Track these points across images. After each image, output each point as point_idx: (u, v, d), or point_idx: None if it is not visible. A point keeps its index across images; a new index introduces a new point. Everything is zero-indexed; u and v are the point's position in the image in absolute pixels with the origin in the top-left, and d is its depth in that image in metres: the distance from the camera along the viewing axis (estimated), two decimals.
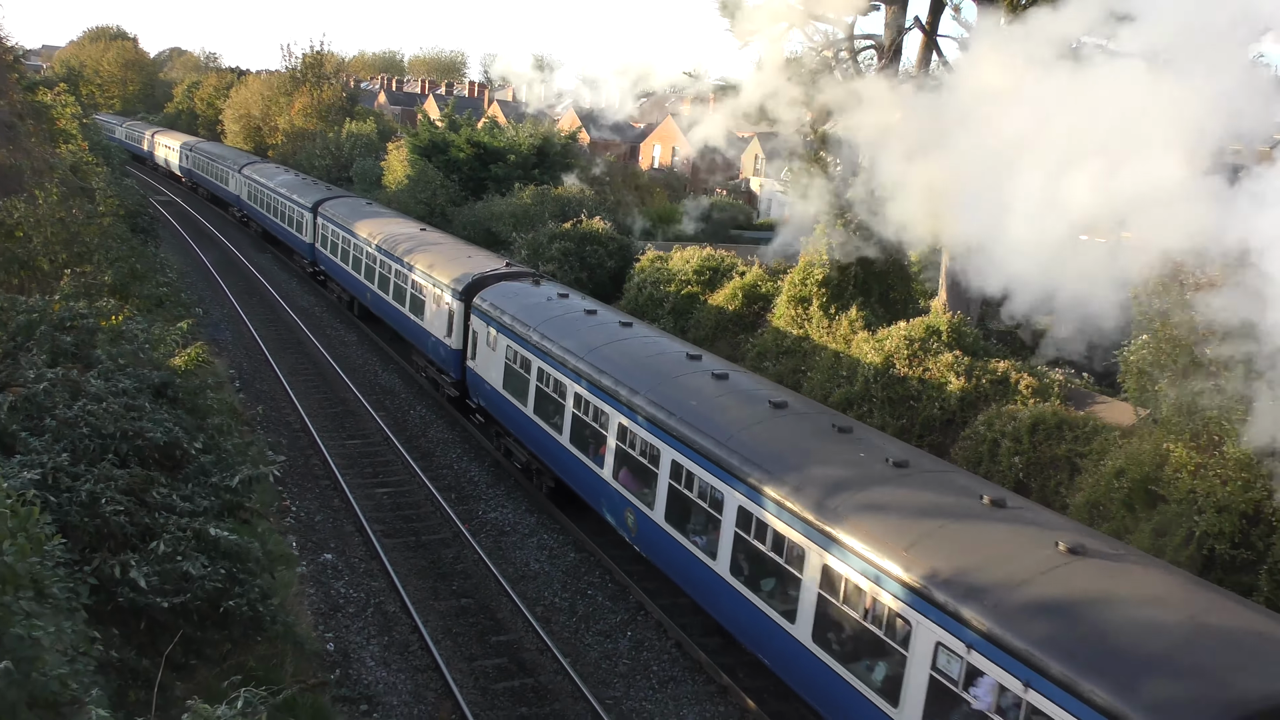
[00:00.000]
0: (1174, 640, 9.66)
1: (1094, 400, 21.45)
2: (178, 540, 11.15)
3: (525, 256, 37.39)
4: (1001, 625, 10.20)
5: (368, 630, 16.70)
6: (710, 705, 15.31)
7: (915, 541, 11.89)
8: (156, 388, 15.74)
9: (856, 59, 27.35)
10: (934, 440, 22.27)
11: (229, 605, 11.10)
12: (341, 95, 79.24)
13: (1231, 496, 14.51)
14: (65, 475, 11.34)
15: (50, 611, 6.94)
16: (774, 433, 15.41)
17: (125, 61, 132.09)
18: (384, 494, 22.21)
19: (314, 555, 19.09)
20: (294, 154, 72.44)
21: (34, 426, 12.39)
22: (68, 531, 10.53)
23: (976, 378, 22.29)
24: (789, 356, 27.52)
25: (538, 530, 20.90)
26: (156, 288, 26.15)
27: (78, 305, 17.06)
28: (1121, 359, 17.45)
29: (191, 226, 57.92)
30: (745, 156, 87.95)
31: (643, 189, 56.23)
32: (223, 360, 30.06)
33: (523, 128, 55.50)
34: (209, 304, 38.26)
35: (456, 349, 26.19)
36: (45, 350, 15.00)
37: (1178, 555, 15.11)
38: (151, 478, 12.43)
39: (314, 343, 34.20)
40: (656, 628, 17.37)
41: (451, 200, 50.02)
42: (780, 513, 13.67)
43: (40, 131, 33.03)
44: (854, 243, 25.62)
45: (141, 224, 37.72)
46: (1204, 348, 15.17)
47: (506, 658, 16.20)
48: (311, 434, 25.20)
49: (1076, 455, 19.07)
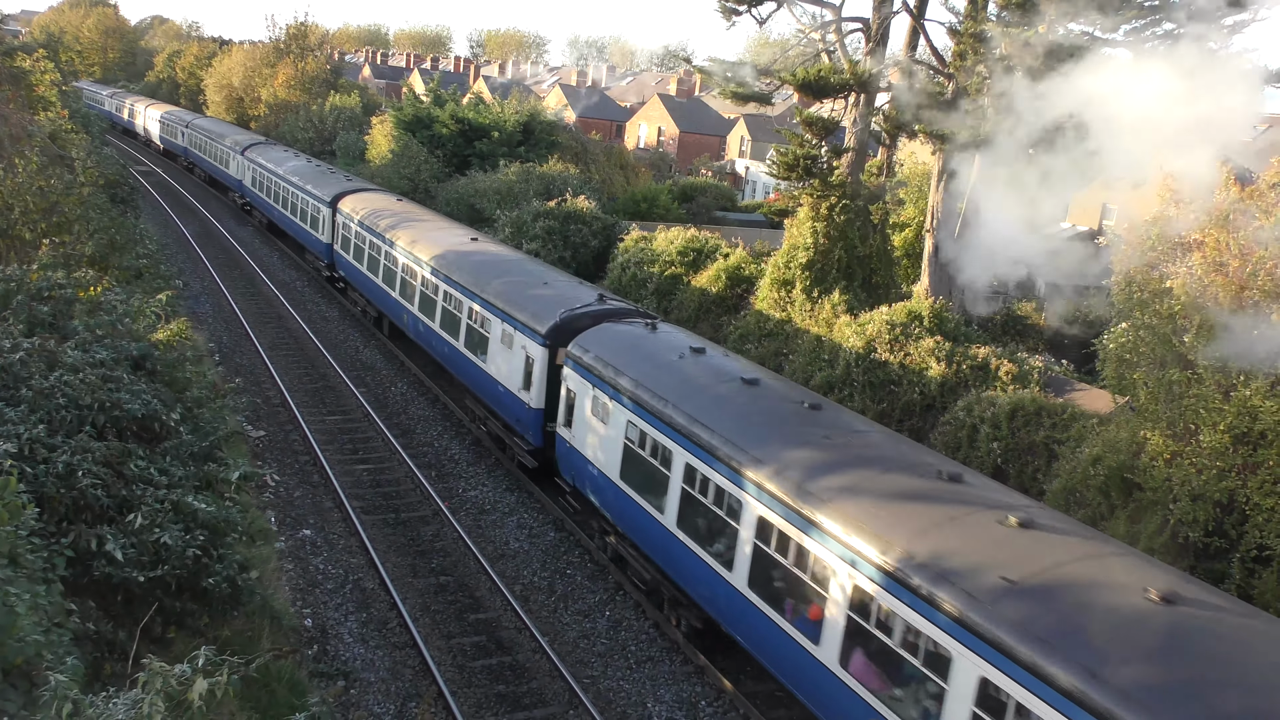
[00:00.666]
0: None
1: (1073, 387, 21.61)
2: (155, 512, 11.09)
3: (509, 234, 37.25)
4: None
5: (346, 606, 16.69)
6: (687, 685, 15.40)
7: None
8: (135, 360, 15.63)
9: (844, 41, 27.31)
10: (914, 425, 22.39)
11: (207, 583, 11.06)
12: (325, 68, 78.53)
13: (1206, 485, 14.65)
14: (42, 446, 11.26)
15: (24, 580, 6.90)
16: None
17: (106, 28, 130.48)
18: (364, 470, 22.16)
19: (293, 531, 19.05)
20: (276, 126, 71.77)
21: (10, 397, 12.29)
22: (44, 503, 10.46)
23: (957, 363, 22.41)
24: (771, 339, 27.58)
25: (517, 509, 20.91)
26: (136, 259, 25.93)
27: (55, 275, 16.90)
28: (1100, 347, 17.57)
29: (172, 197, 57.37)
30: (731, 138, 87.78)
31: (628, 169, 56.01)
32: (202, 333, 29.85)
33: (508, 105, 55.20)
34: (188, 276, 37.96)
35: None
36: (22, 320, 14.87)
37: (1152, 543, 15.28)
38: (129, 450, 12.36)
39: (294, 317, 34.00)
40: (635, 608, 17.43)
41: (435, 176, 49.75)
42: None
43: (18, 98, 32.55)
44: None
45: (121, 194, 37.33)
46: (1181, 336, 15.29)
47: (485, 636, 16.23)
48: (291, 409, 25.09)
49: (1054, 442, 19.22)
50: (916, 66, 26.91)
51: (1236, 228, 15.23)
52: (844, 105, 27.45)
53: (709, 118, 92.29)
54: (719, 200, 54.32)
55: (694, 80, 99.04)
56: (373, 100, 75.44)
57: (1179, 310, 15.33)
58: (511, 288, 23.18)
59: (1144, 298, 16.09)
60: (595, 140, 59.54)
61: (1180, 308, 15.29)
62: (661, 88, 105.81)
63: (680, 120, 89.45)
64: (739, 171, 79.26)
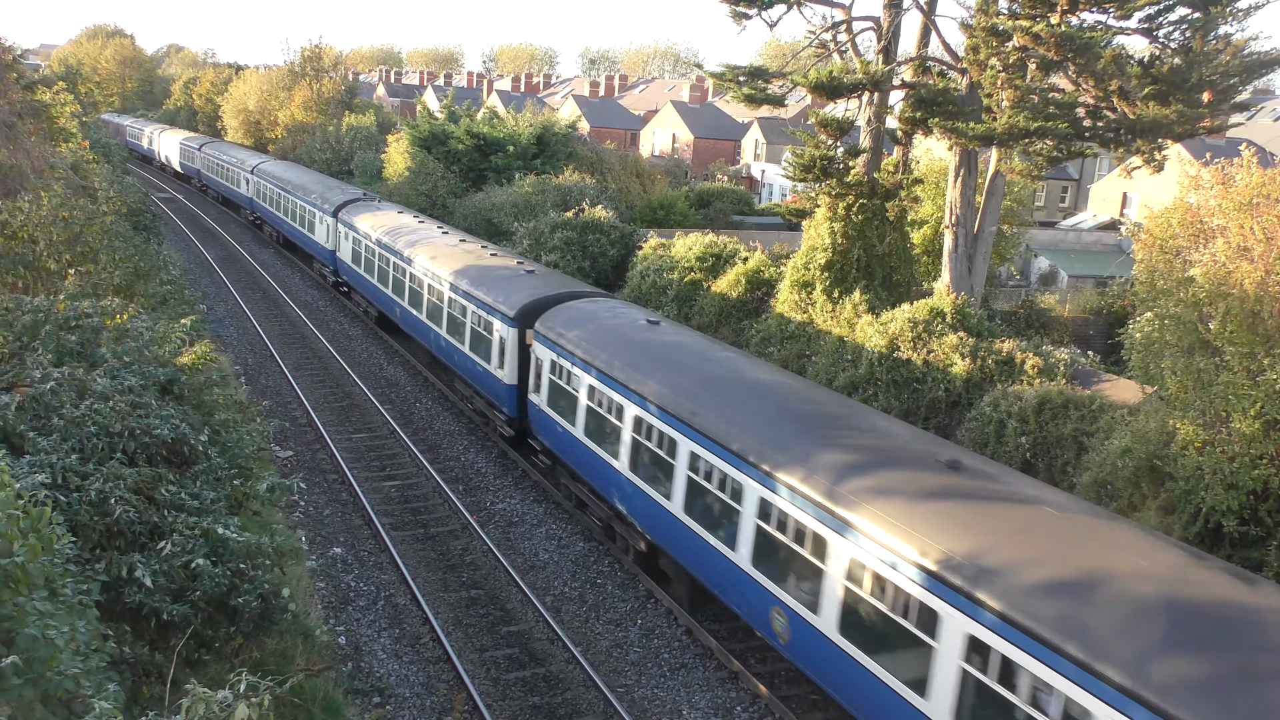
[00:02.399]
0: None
1: (1100, 379, 21.44)
2: (186, 539, 11.18)
3: (527, 246, 37.37)
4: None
5: (379, 623, 16.77)
6: (722, 691, 15.36)
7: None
8: (162, 385, 15.77)
9: (855, 40, 27.27)
10: (939, 422, 22.28)
11: (237, 602, 11.14)
12: (340, 88, 79.17)
13: (1239, 473, 14.50)
14: (74, 475, 11.38)
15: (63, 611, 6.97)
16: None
17: (123, 59, 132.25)
18: (391, 487, 22.26)
19: (323, 549, 19.16)
20: (294, 148, 72.39)
21: (42, 426, 12.42)
22: (77, 530, 10.57)
23: (981, 359, 22.28)
24: (793, 341, 27.52)
25: (545, 520, 20.95)
26: (160, 285, 26.18)
27: (82, 305, 17.08)
28: (1126, 337, 17.42)
29: (193, 223, 57.94)
30: (746, 141, 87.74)
31: (644, 176, 56.08)
32: (227, 356, 30.12)
33: (522, 118, 55.42)
34: (212, 300, 38.33)
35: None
36: (51, 350, 15.02)
37: (1186, 532, 15.12)
38: (160, 475, 12.47)
39: (318, 337, 34.24)
40: (666, 615, 17.41)
41: (452, 191, 50.02)
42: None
43: (40, 130, 33.01)
44: None
45: (143, 221, 37.75)
46: (1207, 324, 15.15)
47: (518, 648, 16.26)
48: (318, 428, 25.26)
49: (1083, 434, 19.07)
50: (929, 63, 26.84)
51: (1260, 212, 15.08)
52: (858, 105, 27.38)
53: (723, 122, 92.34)
54: (736, 204, 54.29)
55: (706, 85, 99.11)
56: (388, 119, 75.97)
57: (1204, 298, 15.19)
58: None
59: (1168, 286, 15.95)
60: (610, 149, 59.66)
61: (1205, 295, 15.15)
62: (674, 94, 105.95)
63: (694, 126, 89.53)
64: (755, 175, 79.23)
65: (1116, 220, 55.49)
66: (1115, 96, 22.03)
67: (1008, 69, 22.74)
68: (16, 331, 15.42)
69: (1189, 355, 15.48)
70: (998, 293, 36.81)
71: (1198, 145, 41.05)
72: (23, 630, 6.15)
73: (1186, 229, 16.07)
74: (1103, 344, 30.54)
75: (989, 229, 26.77)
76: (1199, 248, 15.66)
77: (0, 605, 6.42)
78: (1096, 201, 61.37)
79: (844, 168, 27.21)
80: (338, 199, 40.40)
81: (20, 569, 6.66)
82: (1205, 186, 16.18)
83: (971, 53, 23.66)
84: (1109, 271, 44.88)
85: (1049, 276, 49.33)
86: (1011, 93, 22.74)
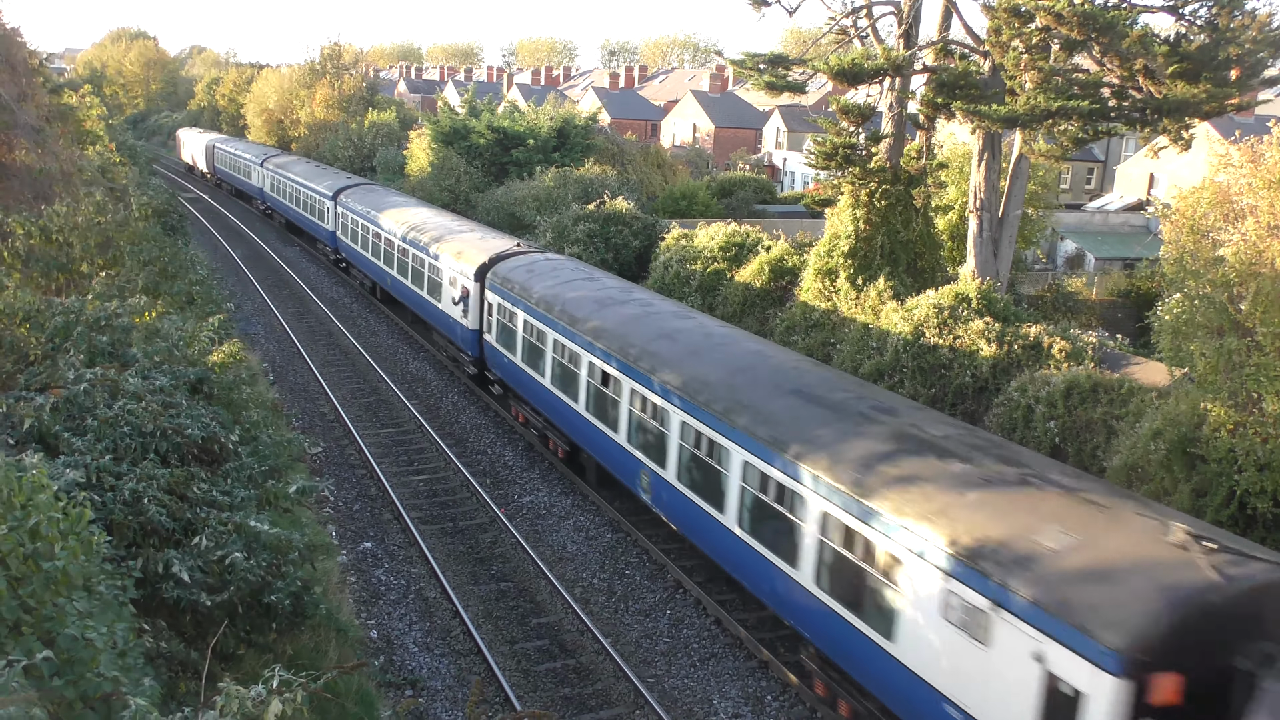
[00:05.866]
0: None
1: (1129, 362, 21.25)
2: (219, 535, 11.31)
3: (551, 239, 37.44)
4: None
5: (409, 616, 16.90)
6: (752, 680, 15.39)
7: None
8: (192, 384, 15.93)
9: (876, 25, 27.09)
10: (966, 408, 22.15)
11: (270, 599, 11.25)
12: (361, 85, 79.47)
13: (1272, 454, 14.34)
14: (109, 475, 11.52)
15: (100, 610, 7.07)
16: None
17: (147, 61, 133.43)
18: (420, 481, 22.41)
19: (353, 544, 19.32)
20: (317, 146, 72.81)
21: (76, 427, 12.58)
22: (112, 529, 10.71)
23: (1008, 344, 22.12)
24: (818, 330, 27.42)
25: (573, 512, 21.02)
26: (188, 285, 26.43)
27: (111, 305, 17.27)
28: (1155, 319, 17.24)
29: (219, 222, 58.42)
30: (767, 130, 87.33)
31: (665, 167, 55.98)
32: (255, 354, 30.37)
33: (542, 111, 55.45)
34: (239, 298, 38.63)
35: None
36: (83, 350, 15.19)
37: (1219, 515, 14.98)
38: (192, 473, 12.60)
39: (344, 333, 34.47)
40: (695, 605, 17.45)
41: (475, 186, 50.14)
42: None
43: (67, 134, 33.38)
44: None
45: (171, 222, 38.10)
46: (1238, 304, 14.97)
47: (548, 639, 16.35)
48: (346, 424, 25.45)
49: (1113, 418, 18.91)
50: (951, 46, 26.61)
51: None
52: (879, 90, 27.21)
53: (743, 111, 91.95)
54: (758, 194, 54.09)
55: (726, 74, 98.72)
56: (409, 115, 76.24)
57: (1234, 278, 15.01)
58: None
59: (1197, 268, 15.77)
60: (631, 140, 59.58)
61: (1235, 275, 14.97)
62: (694, 84, 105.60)
63: (715, 115, 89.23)
64: (776, 164, 78.87)
65: (1144, 201, 54.88)
66: (1141, 76, 21.78)
67: (1030, 50, 22.53)
68: (49, 333, 15.61)
69: (1219, 336, 15.31)
70: (1024, 277, 36.51)
71: (1226, 123, 40.53)
72: (63, 631, 6.25)
73: (1216, 208, 15.88)
74: (1131, 327, 30.24)
75: (1014, 213, 26.56)
76: (1229, 227, 15.47)
77: (42, 606, 6.53)
78: (1123, 183, 60.68)
79: (866, 154, 27.06)
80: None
81: (62, 572, 6.77)
82: (1235, 165, 15.98)
83: (994, 34, 23.45)
84: (1137, 253, 44.40)
85: (1076, 259, 48.87)
86: (1035, 74, 22.53)
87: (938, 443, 13.28)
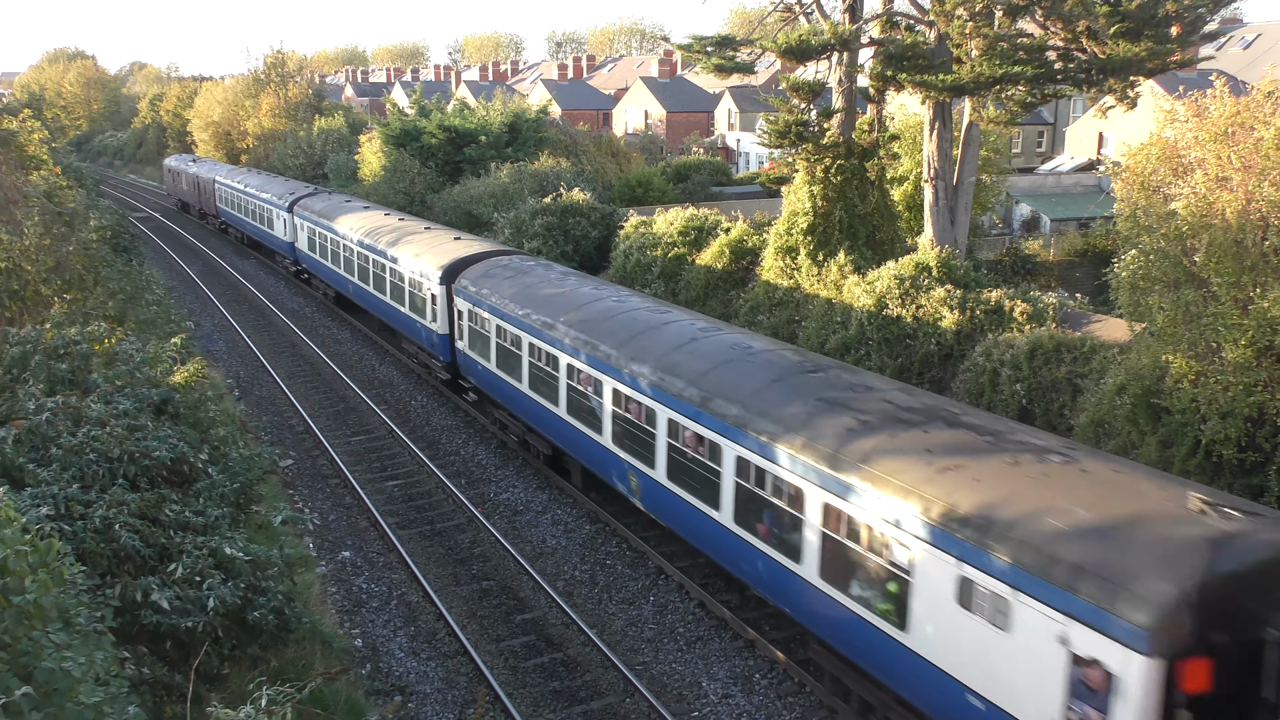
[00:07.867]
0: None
1: (1089, 320, 21.51)
2: (195, 560, 11.20)
3: (509, 235, 37.28)
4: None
5: (393, 623, 16.83)
6: (739, 660, 15.47)
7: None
8: (157, 405, 15.75)
9: (820, 1, 27.15)
10: (934, 376, 22.35)
11: (253, 616, 11.17)
12: (308, 92, 78.59)
13: (1234, 402, 14.58)
14: (78, 504, 11.38)
15: (79, 641, 6.99)
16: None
17: (87, 80, 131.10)
18: (394, 486, 22.29)
19: (332, 554, 19.19)
20: (266, 156, 71.96)
21: (40, 457, 12.41)
22: (85, 558, 10.58)
23: (970, 310, 22.33)
24: (781, 308, 27.53)
25: (550, 506, 21.01)
26: (146, 307, 26.10)
27: (69, 332, 17.02)
28: (1112, 276, 17.47)
29: (174, 240, 57.65)
30: (718, 112, 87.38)
31: (619, 155, 55.88)
32: (219, 370, 30.04)
33: (492, 107, 55.13)
34: (199, 315, 38.17)
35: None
36: (42, 380, 14.98)
37: (1186, 464, 15.22)
38: (163, 496, 12.47)
39: (308, 343, 34.16)
40: (678, 590, 17.51)
41: (430, 187, 49.80)
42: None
43: (10, 160, 32.72)
44: None
45: (123, 242, 37.54)
46: (1192, 257, 15.19)
47: (534, 635, 16.34)
48: (316, 434, 25.24)
49: (1077, 376, 19.15)
50: (896, 18, 26.74)
51: (1236, 140, 15.10)
52: (828, 66, 27.30)
53: (694, 95, 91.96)
54: (714, 176, 54.16)
55: (675, 60, 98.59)
56: (358, 119, 75.48)
57: (1187, 230, 15.22)
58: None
59: (1150, 223, 15.99)
60: (583, 131, 59.39)
61: (1187, 228, 15.19)
62: (643, 71, 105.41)
63: (665, 101, 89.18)
64: (730, 145, 78.97)
65: (1094, 161, 55.52)
66: (1084, 37, 22.00)
67: (975, 17, 22.68)
68: (6, 364, 15.37)
69: (1176, 289, 15.53)
70: (982, 243, 36.86)
71: (1170, 79, 41.02)
72: (40, 664, 6.17)
73: (1165, 163, 16.08)
74: (1090, 285, 30.65)
75: (968, 180, 26.78)
76: (1178, 181, 15.68)
77: (16, 641, 6.44)
78: (1073, 144, 61.35)
79: (819, 130, 27.15)
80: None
81: (34, 605, 6.67)
82: (1180, 120, 16.19)
83: (938, 3, 23.59)
84: (1090, 212, 44.93)
85: (1031, 222, 49.36)
86: (980, 41, 22.69)
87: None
